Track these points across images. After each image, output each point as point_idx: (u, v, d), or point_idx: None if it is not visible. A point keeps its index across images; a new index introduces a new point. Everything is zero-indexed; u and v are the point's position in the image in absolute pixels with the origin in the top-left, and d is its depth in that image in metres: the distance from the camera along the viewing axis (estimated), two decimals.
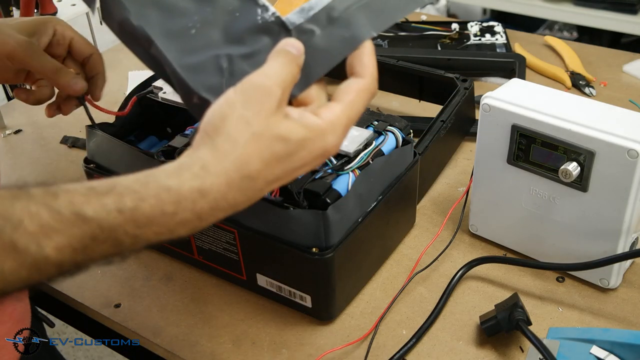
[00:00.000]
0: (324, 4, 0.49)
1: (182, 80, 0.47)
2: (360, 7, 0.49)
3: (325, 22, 0.48)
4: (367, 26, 0.48)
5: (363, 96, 0.47)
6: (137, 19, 0.49)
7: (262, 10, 0.50)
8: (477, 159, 0.72)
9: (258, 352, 0.65)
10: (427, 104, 0.98)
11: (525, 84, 0.70)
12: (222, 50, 0.48)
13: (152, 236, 0.42)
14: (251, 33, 0.49)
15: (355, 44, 0.47)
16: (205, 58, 0.48)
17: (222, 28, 0.49)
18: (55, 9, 1.12)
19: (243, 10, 0.50)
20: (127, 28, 0.50)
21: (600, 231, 0.65)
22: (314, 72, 0.47)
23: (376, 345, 0.65)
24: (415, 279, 0.72)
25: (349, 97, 0.46)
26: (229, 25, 0.49)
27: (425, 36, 1.20)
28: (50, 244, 0.39)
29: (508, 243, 0.75)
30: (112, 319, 0.70)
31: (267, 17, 0.50)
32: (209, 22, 0.49)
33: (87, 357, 1.67)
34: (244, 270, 0.70)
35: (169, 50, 0.48)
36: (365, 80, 0.47)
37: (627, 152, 0.59)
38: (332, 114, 0.45)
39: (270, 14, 0.50)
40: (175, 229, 0.43)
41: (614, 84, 1.06)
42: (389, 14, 0.50)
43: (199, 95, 0.47)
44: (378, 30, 0.49)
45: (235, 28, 0.49)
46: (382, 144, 0.68)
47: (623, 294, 0.69)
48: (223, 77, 0.48)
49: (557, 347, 0.59)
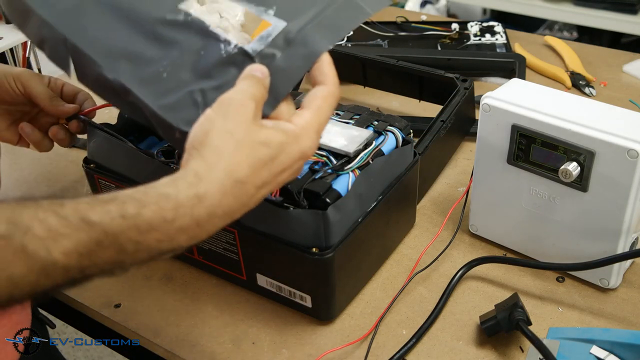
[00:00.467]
0: (279, 29, 0.54)
1: (162, 119, 0.50)
2: (313, 26, 0.54)
3: (283, 45, 0.53)
4: (322, 41, 0.53)
5: (329, 101, 0.51)
6: (110, 72, 0.53)
7: (224, 45, 0.55)
8: (477, 159, 0.72)
9: (258, 352, 0.65)
10: (427, 104, 0.98)
11: (525, 84, 0.70)
12: (195, 86, 0.51)
13: (154, 243, 0.44)
14: (218, 67, 0.53)
15: (314, 59, 0.52)
16: (180, 96, 0.51)
17: (191, 67, 0.53)
18: None
19: (207, 48, 0.54)
20: (102, 82, 0.54)
21: (600, 231, 0.65)
22: (281, 91, 0.51)
23: (376, 345, 0.65)
24: (415, 279, 0.72)
25: (316, 103, 0.51)
26: (197, 64, 0.54)
27: (425, 36, 1.20)
28: (58, 248, 0.40)
29: (508, 243, 0.75)
30: (112, 319, 0.70)
31: (230, 50, 0.54)
32: (177, 64, 0.54)
33: (87, 357, 1.67)
34: (244, 270, 0.70)
35: (146, 95, 0.51)
36: (328, 86, 0.52)
37: (627, 152, 0.59)
38: (303, 120, 0.50)
39: (232, 47, 0.54)
40: (175, 236, 0.45)
41: (614, 84, 1.06)
42: (341, 27, 0.54)
43: (180, 130, 0.50)
44: (333, 43, 0.53)
45: (203, 65, 0.53)
46: (382, 144, 0.68)
47: (623, 294, 0.69)
48: (199, 109, 0.51)
49: (557, 347, 0.59)
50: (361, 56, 0.98)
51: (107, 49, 0.54)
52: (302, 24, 0.54)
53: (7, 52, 1.09)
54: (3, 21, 1.09)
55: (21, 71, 0.75)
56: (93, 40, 0.55)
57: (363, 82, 1.02)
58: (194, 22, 0.57)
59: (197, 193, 0.45)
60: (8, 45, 1.05)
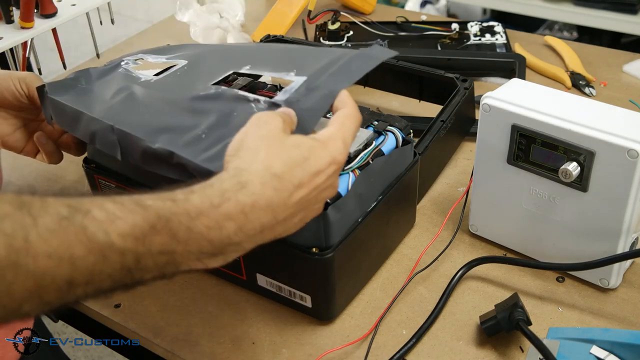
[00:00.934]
0: (300, 83, 0.61)
1: (204, 169, 0.56)
2: (330, 75, 0.61)
3: (305, 92, 0.60)
4: (339, 83, 0.60)
5: (351, 119, 0.56)
6: (155, 143, 0.59)
7: (255, 103, 0.62)
8: (477, 159, 0.72)
9: (258, 352, 0.65)
10: (427, 104, 0.98)
11: (525, 84, 0.70)
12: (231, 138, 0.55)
13: (204, 230, 0.46)
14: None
15: (334, 96, 0.58)
16: (219, 148, 0.57)
17: (226, 126, 0.60)
18: (56, 9, 1.12)
19: (240, 109, 0.61)
20: (148, 154, 0.60)
21: (600, 231, 0.65)
22: (307, 126, 0.57)
23: (376, 345, 0.65)
24: (415, 279, 0.72)
25: (339, 120, 0.55)
26: (232, 122, 0.60)
27: (425, 36, 1.20)
28: (115, 230, 0.42)
29: (508, 243, 0.75)
30: (112, 319, 0.70)
31: (261, 106, 0.61)
32: (214, 126, 0.60)
33: (87, 357, 1.67)
34: (244, 270, 0.70)
35: (189, 154, 0.57)
36: (349, 108, 0.56)
37: (627, 152, 0.59)
38: (328, 131, 0.54)
39: (262, 104, 0.61)
40: (223, 224, 0.47)
41: (614, 84, 1.06)
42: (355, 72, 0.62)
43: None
44: (349, 84, 0.60)
45: (237, 122, 0.59)
46: (382, 144, 0.68)
47: (623, 294, 0.69)
48: None
49: (557, 347, 0.59)
50: None
51: (150, 127, 0.62)
52: (321, 75, 0.61)
53: (7, 52, 1.09)
54: (3, 21, 1.09)
55: (26, 74, 0.76)
56: (137, 123, 0.63)
57: (363, 82, 1.02)
58: (225, 92, 0.65)
59: (240, 180, 0.48)
60: (8, 46, 1.05)
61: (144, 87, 0.70)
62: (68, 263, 0.40)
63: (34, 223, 0.39)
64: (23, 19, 1.06)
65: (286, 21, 1.21)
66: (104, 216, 0.42)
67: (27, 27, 1.07)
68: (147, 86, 0.70)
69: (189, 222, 0.45)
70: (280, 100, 0.60)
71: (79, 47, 2.40)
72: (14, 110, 0.77)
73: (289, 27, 1.21)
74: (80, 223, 0.41)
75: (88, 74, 0.76)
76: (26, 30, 1.07)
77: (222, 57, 0.75)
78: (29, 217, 0.40)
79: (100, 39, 1.26)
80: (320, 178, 0.52)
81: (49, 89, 0.72)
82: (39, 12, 1.10)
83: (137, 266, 0.44)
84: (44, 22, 1.10)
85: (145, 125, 0.63)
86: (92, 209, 0.42)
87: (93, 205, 0.42)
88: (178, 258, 0.46)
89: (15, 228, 0.39)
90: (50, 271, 0.40)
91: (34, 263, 0.39)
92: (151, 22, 1.50)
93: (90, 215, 0.42)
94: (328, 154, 0.52)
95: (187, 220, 0.45)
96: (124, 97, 0.68)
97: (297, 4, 1.21)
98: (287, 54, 0.71)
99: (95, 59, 1.24)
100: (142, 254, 0.43)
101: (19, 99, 0.75)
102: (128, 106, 0.67)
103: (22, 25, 1.07)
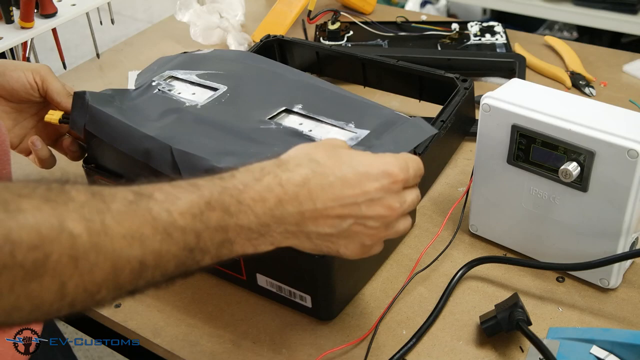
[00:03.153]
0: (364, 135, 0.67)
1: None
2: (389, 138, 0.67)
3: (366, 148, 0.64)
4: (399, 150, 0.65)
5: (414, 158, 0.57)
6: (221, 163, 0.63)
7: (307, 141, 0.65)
8: (477, 159, 0.72)
9: (258, 352, 0.65)
10: (427, 104, 0.98)
11: (525, 84, 0.70)
12: None
13: (250, 202, 0.48)
14: None
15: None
16: None
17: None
18: (56, 9, 1.12)
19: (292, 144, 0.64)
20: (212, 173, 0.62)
21: (600, 231, 0.65)
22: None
23: (376, 345, 0.65)
24: (415, 279, 0.72)
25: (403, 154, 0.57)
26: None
27: (425, 36, 1.20)
28: (176, 209, 0.45)
29: (508, 243, 0.75)
30: (112, 319, 0.70)
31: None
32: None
33: (87, 357, 1.67)
34: (243, 270, 0.70)
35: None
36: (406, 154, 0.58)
37: (627, 152, 0.59)
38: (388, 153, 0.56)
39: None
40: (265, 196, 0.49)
41: (614, 84, 1.06)
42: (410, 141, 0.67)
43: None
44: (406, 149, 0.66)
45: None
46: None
47: (623, 294, 0.69)
48: None
49: (557, 347, 0.59)
50: (361, 56, 0.98)
51: (213, 150, 0.65)
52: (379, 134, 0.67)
53: (7, 52, 1.09)
54: (3, 21, 1.09)
55: (39, 66, 0.76)
56: (195, 145, 0.66)
57: (363, 82, 1.02)
58: (287, 128, 0.69)
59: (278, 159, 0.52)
60: (8, 46, 1.05)
61: (192, 112, 0.72)
62: (139, 242, 0.43)
63: (108, 208, 0.42)
64: (23, 19, 1.06)
65: (286, 21, 1.21)
66: (164, 197, 0.45)
67: (27, 27, 1.07)
68: (195, 111, 0.72)
69: (238, 195, 0.48)
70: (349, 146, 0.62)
71: (79, 47, 2.41)
72: (18, 104, 0.76)
73: (289, 27, 1.21)
74: (146, 205, 0.44)
75: (122, 93, 0.77)
76: (26, 30, 1.07)
77: (265, 87, 0.77)
78: (102, 203, 0.42)
79: (100, 39, 1.26)
80: (371, 184, 0.51)
81: (90, 97, 0.72)
82: (39, 12, 1.10)
83: (197, 245, 0.46)
84: (44, 22, 1.10)
85: (209, 148, 0.65)
86: (154, 192, 0.45)
87: (154, 189, 0.45)
88: (232, 235, 0.48)
89: (93, 213, 0.41)
90: (125, 251, 0.42)
91: (111, 244, 0.41)
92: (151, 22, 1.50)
93: (153, 197, 0.45)
94: (381, 164, 0.52)
95: (236, 194, 0.48)
96: (175, 120, 0.71)
97: (297, 4, 1.21)
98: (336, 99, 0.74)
99: (95, 59, 1.24)
100: (201, 231, 0.46)
101: (29, 91, 0.74)
102: (181, 129, 0.69)
103: (22, 25, 1.07)
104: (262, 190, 0.49)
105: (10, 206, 0.38)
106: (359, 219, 0.51)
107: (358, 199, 0.51)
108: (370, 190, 0.51)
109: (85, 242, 0.40)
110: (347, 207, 0.51)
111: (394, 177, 0.52)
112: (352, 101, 0.74)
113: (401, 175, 0.53)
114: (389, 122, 0.69)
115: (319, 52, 1.03)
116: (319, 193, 0.50)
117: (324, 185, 0.50)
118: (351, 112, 0.71)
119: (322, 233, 0.51)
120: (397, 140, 0.66)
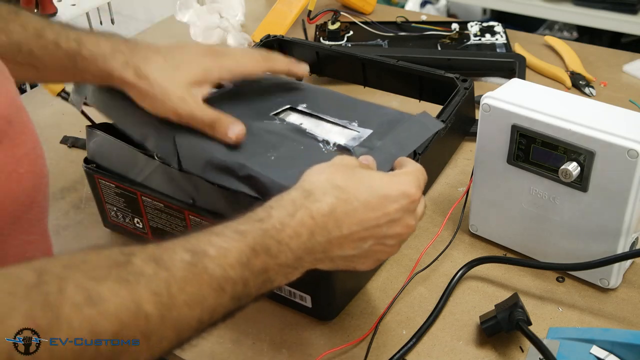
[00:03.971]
0: (367, 134, 0.67)
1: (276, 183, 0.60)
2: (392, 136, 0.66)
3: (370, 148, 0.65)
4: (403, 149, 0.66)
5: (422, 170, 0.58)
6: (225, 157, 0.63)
7: (323, 144, 0.66)
8: (477, 159, 0.72)
9: (258, 352, 0.65)
10: (427, 104, 0.98)
11: (525, 84, 0.70)
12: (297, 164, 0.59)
13: (288, 240, 0.49)
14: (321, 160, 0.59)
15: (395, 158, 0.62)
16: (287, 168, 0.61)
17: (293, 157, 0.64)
18: (55, 9, 1.12)
19: (307, 145, 0.66)
20: (215, 163, 0.63)
21: (600, 231, 0.65)
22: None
23: (376, 345, 0.65)
24: (415, 279, 0.72)
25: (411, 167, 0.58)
26: (299, 154, 0.65)
27: (425, 36, 1.20)
28: (227, 263, 0.46)
29: (508, 243, 0.75)
30: None
31: (330, 148, 0.66)
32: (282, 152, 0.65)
33: None
34: None
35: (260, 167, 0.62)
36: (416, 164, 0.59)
37: (627, 152, 0.59)
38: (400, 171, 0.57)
39: (332, 146, 0.66)
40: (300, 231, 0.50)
41: (614, 84, 1.06)
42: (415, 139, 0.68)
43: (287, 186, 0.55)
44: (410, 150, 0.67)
45: (305, 155, 0.64)
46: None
47: (623, 294, 0.69)
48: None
49: (557, 347, 0.59)
50: (361, 56, 0.98)
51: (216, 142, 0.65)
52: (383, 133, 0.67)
53: None
54: None
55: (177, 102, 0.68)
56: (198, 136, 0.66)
57: (363, 82, 1.02)
58: (290, 125, 0.69)
59: (305, 189, 0.52)
60: None
61: None
62: (199, 304, 0.44)
63: (172, 276, 0.43)
64: None
65: (286, 21, 1.21)
66: (216, 252, 0.46)
67: None
68: None
69: (276, 235, 0.49)
70: (351, 146, 0.65)
71: None
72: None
73: (289, 27, 1.21)
74: (203, 265, 0.44)
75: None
76: None
77: (270, 86, 0.77)
78: (166, 271, 0.43)
79: None
80: (391, 205, 0.53)
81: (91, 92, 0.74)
82: (39, 12, 1.10)
83: (244, 292, 0.47)
84: None
85: (208, 139, 0.65)
86: (207, 249, 0.45)
87: (206, 244, 0.46)
88: (272, 275, 0.49)
89: (161, 286, 0.42)
90: (187, 316, 0.43)
91: (177, 314, 0.43)
92: (151, 22, 1.50)
93: (208, 254, 0.45)
94: (398, 185, 0.54)
95: (275, 234, 0.49)
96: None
97: (297, 4, 1.21)
98: (339, 100, 0.75)
99: None
100: (248, 278, 0.47)
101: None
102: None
103: None
104: (297, 225, 0.50)
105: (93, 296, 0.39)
106: (379, 239, 0.53)
107: (380, 220, 0.53)
108: (391, 211, 0.53)
109: (156, 319, 0.41)
110: (369, 229, 0.52)
111: (412, 197, 0.54)
112: (356, 102, 0.75)
113: (418, 194, 0.55)
114: (392, 120, 0.69)
115: (319, 52, 1.03)
116: (344, 219, 0.51)
117: (349, 211, 0.52)
118: (355, 111, 0.72)
119: (345, 255, 0.53)
120: (399, 140, 0.66)
